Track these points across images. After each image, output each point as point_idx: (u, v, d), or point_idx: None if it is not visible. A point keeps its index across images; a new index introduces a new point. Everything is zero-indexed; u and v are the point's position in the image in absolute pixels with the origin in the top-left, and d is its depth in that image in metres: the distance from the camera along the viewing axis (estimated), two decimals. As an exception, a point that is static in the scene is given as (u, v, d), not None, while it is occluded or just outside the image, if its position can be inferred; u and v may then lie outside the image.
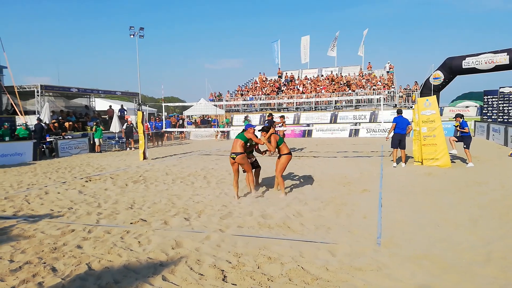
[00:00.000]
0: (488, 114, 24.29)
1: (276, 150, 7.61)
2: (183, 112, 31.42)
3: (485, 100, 24.68)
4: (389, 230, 5.22)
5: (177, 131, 27.82)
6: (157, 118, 22.52)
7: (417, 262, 4.12)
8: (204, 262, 4.21)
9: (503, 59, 23.66)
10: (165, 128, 20.53)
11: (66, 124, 19.90)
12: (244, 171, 7.66)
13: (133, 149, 19.84)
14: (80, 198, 7.89)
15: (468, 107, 28.28)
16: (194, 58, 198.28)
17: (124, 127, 20.31)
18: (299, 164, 12.12)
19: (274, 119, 15.58)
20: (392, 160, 11.20)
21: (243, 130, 7.65)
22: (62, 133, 18.58)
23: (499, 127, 17.96)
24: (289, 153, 7.58)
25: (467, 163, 10.76)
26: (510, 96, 23.30)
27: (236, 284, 3.67)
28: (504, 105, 23.46)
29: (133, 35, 39.27)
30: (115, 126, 20.84)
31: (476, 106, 27.66)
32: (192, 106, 29.04)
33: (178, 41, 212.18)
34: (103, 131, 19.22)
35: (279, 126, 15.42)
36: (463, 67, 25.37)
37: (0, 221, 6.15)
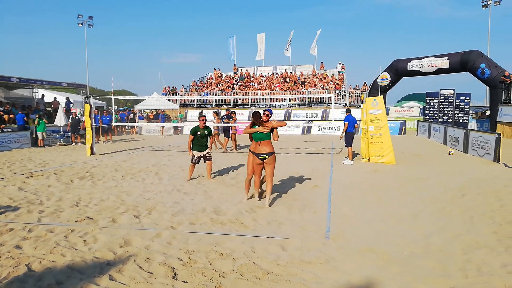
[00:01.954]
0: (429, 114, 25.84)
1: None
2: (135, 106, 30.38)
3: (427, 101, 26.24)
4: (337, 224, 5.41)
5: (128, 126, 26.91)
6: (104, 112, 21.54)
7: (363, 254, 4.30)
8: (154, 260, 4.11)
9: (444, 63, 25.27)
10: (116, 122, 19.72)
11: (6, 116, 18.51)
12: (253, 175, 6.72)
13: (79, 144, 18.91)
14: (20, 195, 7.38)
15: (412, 107, 29.98)
16: (148, 51, 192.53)
17: (70, 120, 19.27)
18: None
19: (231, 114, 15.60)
20: (348, 158, 11.53)
21: (253, 124, 6.55)
22: (0, 126, 17.26)
23: (439, 127, 19.20)
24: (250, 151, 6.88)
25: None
26: (449, 98, 24.96)
27: (187, 281, 3.63)
28: (444, 106, 25.10)
29: (82, 24, 37.49)
30: (60, 119, 19.72)
31: (419, 107, 29.37)
32: (144, 100, 28.18)
33: (131, 32, 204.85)
34: (46, 124, 18.11)
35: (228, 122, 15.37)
36: (408, 69, 26.78)
37: None
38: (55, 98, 24.54)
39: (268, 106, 29.85)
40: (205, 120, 8.92)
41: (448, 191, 7.53)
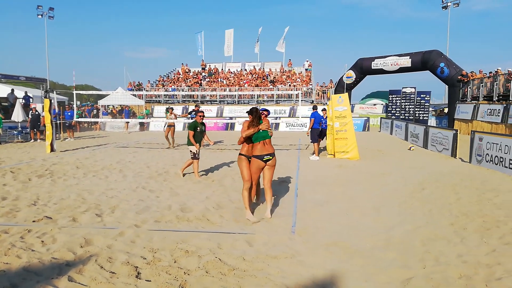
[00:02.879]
0: (392, 111, 26.72)
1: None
2: (98, 101, 29.40)
3: (390, 99, 27.11)
4: (303, 219, 5.48)
5: (91, 122, 26.02)
6: (66, 107, 20.68)
7: (328, 248, 4.38)
8: (117, 260, 3.99)
9: (406, 62, 26.18)
10: (78, 117, 19.00)
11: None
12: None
13: (39, 140, 18.09)
14: (-28, 195, 6.96)
15: (375, 104, 30.86)
16: (111, 45, 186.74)
17: (30, 116, 18.38)
18: (221, 157, 12.14)
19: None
20: (315, 154, 11.70)
21: (252, 120, 5.57)
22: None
23: (401, 124, 19.90)
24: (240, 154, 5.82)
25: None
26: (411, 95, 25.90)
27: (150, 280, 3.55)
28: (406, 103, 26.02)
29: (41, 16, 35.82)
30: (18, 115, 18.77)
31: (382, 104, 30.28)
32: (108, 95, 27.30)
33: (94, 25, 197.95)
34: (3, 120, 17.18)
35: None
36: (372, 67, 27.54)
37: None
38: (12, 90, 23.28)
39: (236, 103, 29.80)
40: (203, 115, 8.89)
41: (408, 185, 7.81)
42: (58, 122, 18.41)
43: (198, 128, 8.66)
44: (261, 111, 5.83)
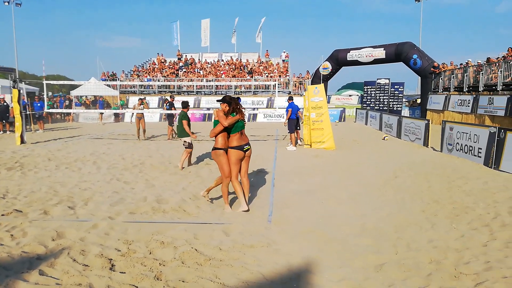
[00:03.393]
0: (367, 102, 27.18)
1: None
2: (71, 92, 28.50)
3: (365, 90, 27.56)
4: (280, 209, 5.52)
5: (64, 113, 25.25)
6: (36, 98, 19.96)
7: (304, 237, 4.44)
8: (90, 252, 3.91)
9: (381, 53, 26.58)
10: (49, 108, 18.37)
11: None
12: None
13: (8, 132, 17.42)
14: None
15: (351, 95, 31.30)
16: (82, 34, 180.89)
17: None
18: (197, 147, 12.04)
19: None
20: (291, 144, 11.78)
21: (229, 112, 5.35)
22: None
23: (375, 114, 20.26)
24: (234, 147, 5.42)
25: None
26: (385, 87, 26.39)
27: (125, 272, 3.50)
28: (380, 94, 26.50)
29: (8, 3, 34.24)
30: (-16, 106, 17.97)
31: (357, 95, 30.75)
32: (81, 85, 26.52)
33: (65, 13, 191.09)
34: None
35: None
36: (348, 59, 27.84)
37: None
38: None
39: (214, 93, 29.55)
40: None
41: (383, 174, 7.99)
42: (27, 113, 17.77)
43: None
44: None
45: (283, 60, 33.35)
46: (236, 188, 5.37)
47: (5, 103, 17.50)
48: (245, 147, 5.45)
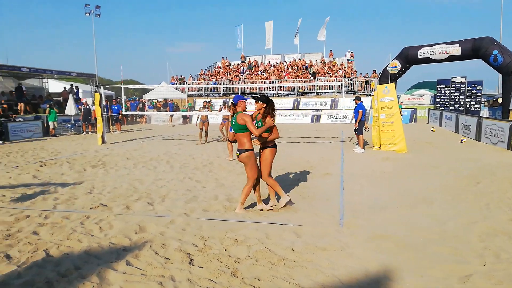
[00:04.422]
0: (440, 102, 25.48)
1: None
2: (143, 95, 30.42)
3: (438, 89, 25.85)
4: (350, 212, 5.39)
5: (138, 115, 27.00)
6: (113, 101, 21.61)
7: (378, 241, 4.28)
8: (170, 246, 4.14)
9: (456, 50, 24.77)
10: (126, 111, 19.82)
11: (20, 105, 18.67)
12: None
13: (90, 133, 19.04)
14: (35, 183, 7.47)
15: (422, 95, 29.58)
16: (154, 41, 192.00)
17: (82, 109, 19.39)
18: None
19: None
20: (359, 146, 11.38)
21: (234, 113, 5.30)
22: (13, 115, 17.43)
23: (451, 115, 18.94)
24: (275, 145, 5.54)
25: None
26: (461, 85, 24.56)
27: (203, 267, 3.65)
28: (456, 94, 24.72)
29: (89, 14, 37.45)
30: (71, 109, 19.84)
31: (430, 95, 28.96)
32: (153, 89, 28.18)
33: (137, 22, 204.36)
34: (57, 114, 18.27)
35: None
36: (419, 56, 26.32)
37: None
38: (65, 88, 24.67)
39: (276, 95, 29.70)
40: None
41: (461, 178, 7.45)
42: (106, 115, 19.29)
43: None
44: (244, 100, 5.39)
45: (348, 60, 32.55)
46: (275, 185, 5.48)
47: (87, 107, 19.15)
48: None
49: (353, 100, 11.76)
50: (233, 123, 5.21)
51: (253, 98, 5.58)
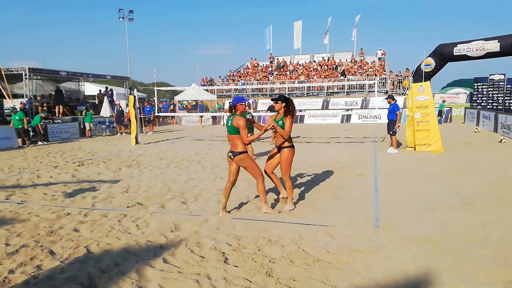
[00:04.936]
0: (478, 101, 24.52)
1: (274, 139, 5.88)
2: (174, 97, 31.05)
3: (475, 87, 24.90)
4: (386, 213, 5.26)
5: (169, 116, 27.58)
6: (146, 103, 22.18)
7: (416, 244, 4.16)
8: (204, 245, 4.19)
9: (494, 46, 23.73)
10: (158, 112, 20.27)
11: (57, 108, 19.50)
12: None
13: (124, 134, 19.61)
14: (74, 182, 7.78)
15: (458, 94, 28.54)
16: (184, 44, 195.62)
17: (115, 111, 20.02)
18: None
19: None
20: (393, 146, 11.07)
21: (232, 114, 5.21)
22: (52, 117, 18.23)
23: (489, 114, 18.17)
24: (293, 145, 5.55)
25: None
26: (499, 83, 23.52)
27: (237, 266, 3.67)
28: (494, 92, 23.69)
29: (122, 18, 38.60)
30: (106, 111, 20.51)
31: (466, 93, 27.91)
32: (183, 91, 28.72)
33: (167, 26, 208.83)
34: (93, 116, 18.95)
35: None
36: (454, 54, 25.40)
37: (-8, 205, 6.04)
38: (100, 90, 25.53)
39: (305, 95, 29.51)
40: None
41: (502, 179, 7.12)
42: (139, 116, 19.82)
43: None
44: (243, 102, 5.21)
45: (379, 58, 31.89)
46: (290, 188, 5.54)
47: (120, 108, 19.73)
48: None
49: (386, 99, 11.49)
50: (229, 125, 5.17)
51: (271, 99, 5.59)
